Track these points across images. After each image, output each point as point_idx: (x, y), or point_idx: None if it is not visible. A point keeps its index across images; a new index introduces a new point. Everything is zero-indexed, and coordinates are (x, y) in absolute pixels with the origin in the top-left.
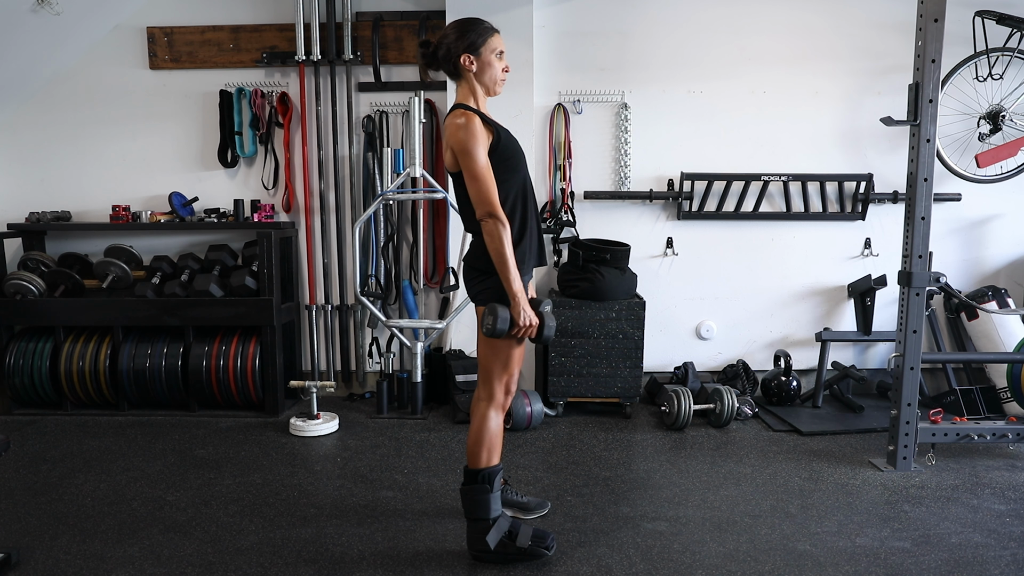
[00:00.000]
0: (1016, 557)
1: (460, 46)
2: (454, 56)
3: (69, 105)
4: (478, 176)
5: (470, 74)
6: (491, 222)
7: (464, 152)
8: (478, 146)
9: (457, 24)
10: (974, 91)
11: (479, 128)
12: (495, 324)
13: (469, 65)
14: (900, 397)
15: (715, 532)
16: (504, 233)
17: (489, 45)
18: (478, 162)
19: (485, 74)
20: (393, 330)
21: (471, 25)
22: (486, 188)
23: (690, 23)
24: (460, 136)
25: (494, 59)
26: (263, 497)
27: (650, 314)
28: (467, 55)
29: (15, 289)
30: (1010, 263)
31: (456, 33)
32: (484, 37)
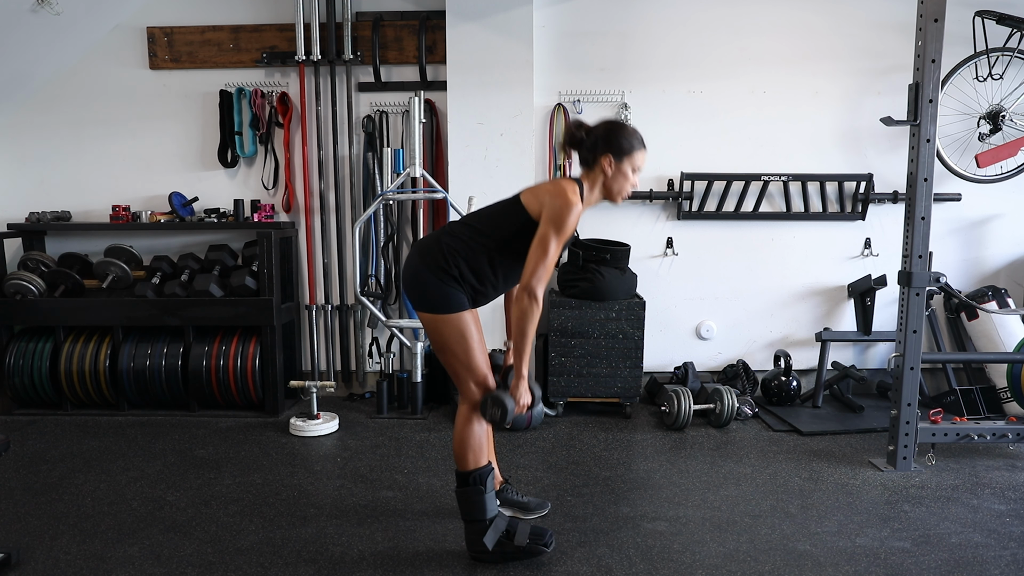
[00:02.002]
0: (1016, 557)
1: (607, 146)
2: (599, 152)
3: (69, 105)
4: (547, 252)
5: (603, 174)
6: (529, 299)
7: (554, 224)
8: (567, 229)
9: (614, 124)
10: (974, 91)
11: (577, 216)
12: (505, 414)
13: (607, 166)
14: (900, 397)
15: (715, 532)
16: (537, 314)
17: (633, 159)
18: (558, 240)
19: (616, 182)
20: (393, 330)
21: (626, 132)
22: (547, 266)
23: (690, 23)
24: (562, 211)
25: (630, 172)
26: (263, 497)
27: (650, 314)
28: (610, 156)
29: (15, 289)
30: (1010, 263)
31: (609, 132)
32: (632, 150)
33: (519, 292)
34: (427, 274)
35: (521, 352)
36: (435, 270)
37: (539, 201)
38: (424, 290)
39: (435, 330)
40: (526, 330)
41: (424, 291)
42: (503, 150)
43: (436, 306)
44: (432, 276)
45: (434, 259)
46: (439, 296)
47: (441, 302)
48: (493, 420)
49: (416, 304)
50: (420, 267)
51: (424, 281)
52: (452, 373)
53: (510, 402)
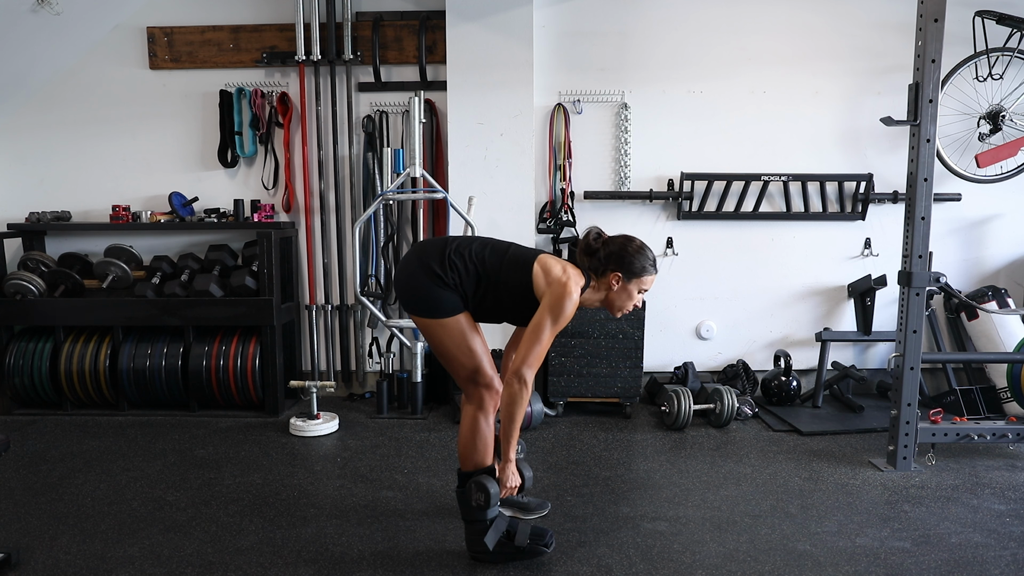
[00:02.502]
0: (1016, 557)
1: (619, 265)
2: (610, 267)
3: (69, 105)
4: (541, 339)
5: (609, 288)
6: (519, 385)
7: (551, 312)
8: (562, 321)
9: (630, 245)
10: (974, 91)
11: (573, 310)
12: (489, 499)
13: (614, 283)
14: (900, 397)
15: (715, 532)
16: (526, 399)
17: (641, 281)
18: (551, 330)
19: (619, 298)
20: (393, 330)
21: (640, 256)
22: (539, 353)
23: (690, 23)
24: (563, 301)
25: (635, 293)
26: (263, 497)
27: (650, 314)
28: (620, 275)
29: (15, 289)
30: (1010, 263)
31: (623, 251)
32: (643, 273)
33: (509, 376)
34: (423, 278)
35: (509, 437)
36: (432, 275)
37: (546, 283)
38: (419, 294)
39: (433, 334)
40: (514, 415)
41: (419, 295)
42: (503, 150)
43: (432, 310)
44: (428, 280)
45: (433, 267)
46: (434, 300)
47: (436, 306)
48: (477, 505)
49: (411, 308)
50: (417, 271)
51: (419, 285)
52: (456, 376)
53: (495, 487)
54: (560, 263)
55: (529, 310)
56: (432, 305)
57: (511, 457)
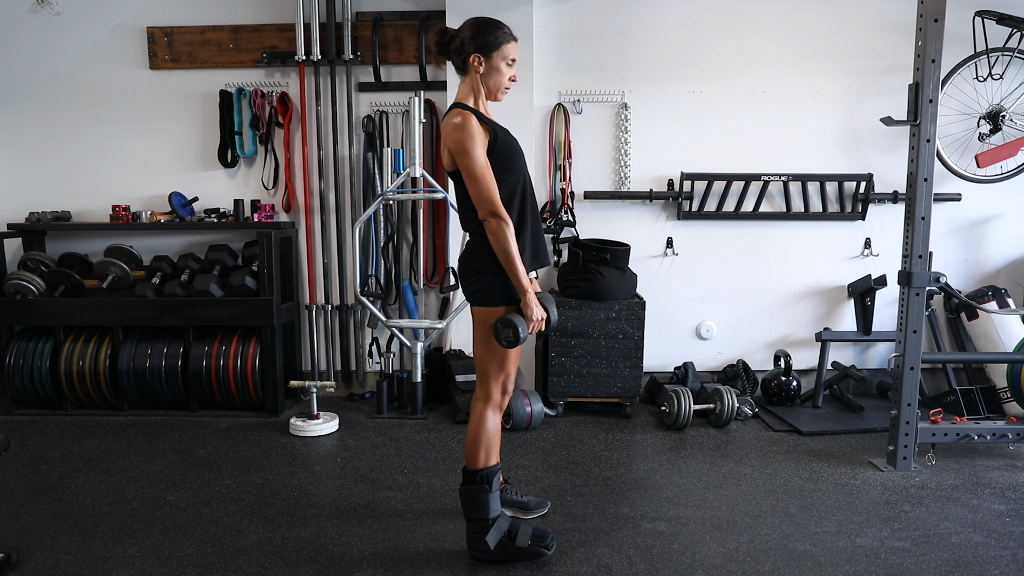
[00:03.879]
0: (1016, 557)
1: (473, 44)
2: (465, 52)
3: (69, 105)
4: (477, 176)
5: (476, 74)
6: (494, 221)
7: (461, 151)
8: (476, 145)
9: (476, 22)
10: (974, 91)
11: (476, 127)
12: (518, 334)
13: (477, 65)
14: (900, 397)
15: (715, 532)
16: (508, 230)
17: (502, 51)
18: (476, 161)
19: (491, 78)
20: (393, 330)
21: (490, 26)
22: (486, 187)
23: (690, 23)
24: (457, 136)
25: (503, 66)
26: (263, 497)
27: (650, 314)
28: (478, 55)
29: (15, 289)
30: (1010, 263)
31: (473, 30)
32: (499, 41)
33: (482, 221)
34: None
35: (513, 270)
36: (475, 268)
37: (447, 154)
38: (471, 284)
39: (483, 323)
40: (507, 248)
41: (471, 285)
42: None
43: (488, 299)
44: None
45: (478, 257)
46: (485, 288)
47: (493, 294)
48: (508, 341)
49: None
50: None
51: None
52: (481, 370)
53: (522, 323)
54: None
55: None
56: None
57: (525, 287)
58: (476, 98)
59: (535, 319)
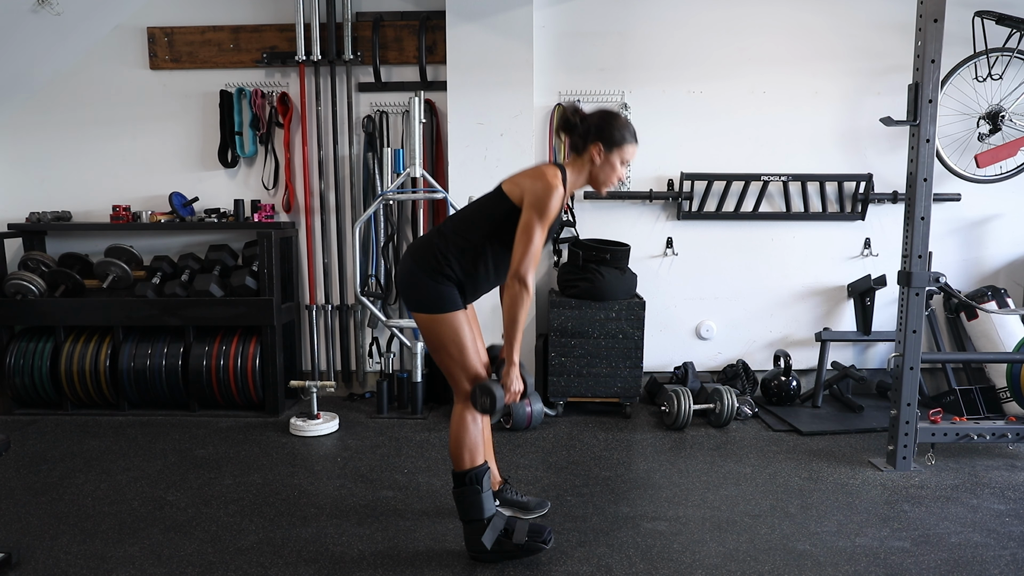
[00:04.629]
0: (1016, 557)
1: (599, 135)
2: (590, 139)
3: (69, 105)
4: (532, 238)
5: (591, 162)
6: (519, 286)
7: (536, 209)
8: (549, 213)
9: (609, 114)
10: (974, 91)
11: (559, 202)
12: (495, 403)
13: (596, 155)
14: (900, 397)
15: (715, 532)
16: (528, 301)
17: (623, 150)
18: (541, 225)
19: (603, 171)
20: (393, 330)
21: (619, 123)
22: (533, 252)
23: (690, 24)
24: (544, 195)
25: (618, 164)
26: (263, 497)
27: (650, 314)
28: (600, 145)
29: (15, 289)
30: (1010, 263)
31: (602, 122)
32: (623, 141)
33: (509, 280)
34: (420, 274)
35: (512, 340)
36: (428, 270)
37: (520, 187)
38: (418, 290)
39: (429, 330)
40: (517, 317)
41: (418, 291)
42: (503, 150)
43: (430, 306)
44: (426, 276)
45: (426, 260)
46: (434, 296)
47: (435, 302)
48: (484, 409)
49: (410, 304)
50: (414, 267)
51: (418, 281)
52: (447, 372)
53: (499, 390)
54: (529, 168)
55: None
56: (432, 301)
57: (515, 360)
58: (578, 177)
59: (513, 390)
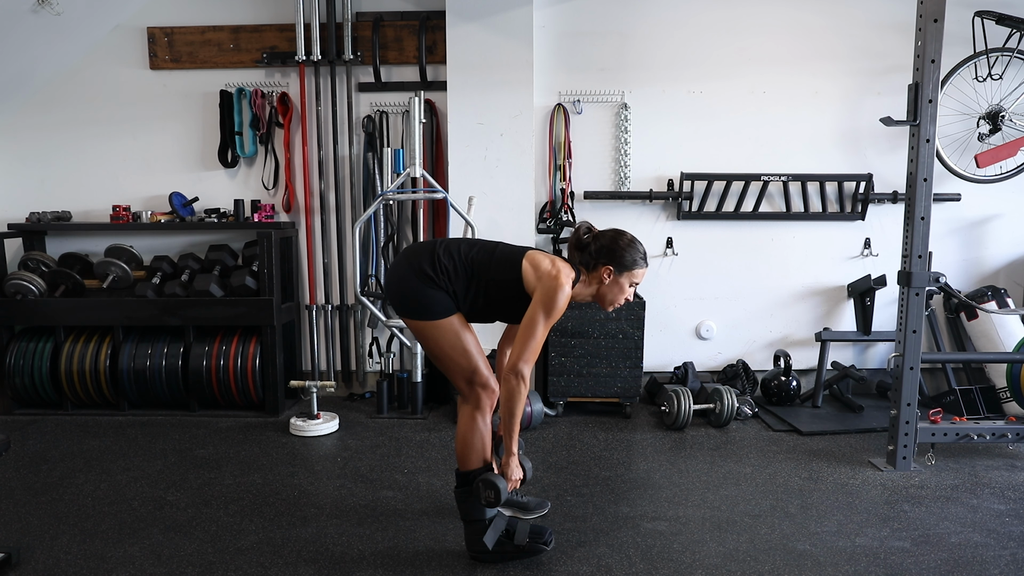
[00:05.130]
0: (1016, 557)
1: (611, 258)
2: (601, 260)
3: (69, 105)
4: (535, 334)
5: (600, 282)
6: (516, 380)
7: (544, 307)
8: (555, 314)
9: (621, 239)
10: (974, 91)
11: (565, 302)
12: (499, 495)
13: (606, 277)
14: (900, 397)
15: (715, 532)
16: (524, 393)
17: (632, 274)
18: (546, 323)
19: (611, 292)
20: (393, 330)
21: (631, 249)
22: (534, 348)
23: (690, 24)
24: (554, 295)
25: (627, 287)
26: (263, 497)
27: (650, 314)
28: (611, 268)
29: (15, 289)
30: (1010, 263)
31: (614, 244)
32: (634, 266)
33: (506, 372)
34: (415, 280)
35: (510, 431)
36: (423, 277)
37: (536, 277)
38: (411, 297)
39: (428, 337)
40: (514, 410)
41: (411, 298)
42: (503, 150)
43: (424, 312)
44: (419, 283)
45: (423, 268)
46: (426, 301)
47: (428, 307)
48: (488, 503)
49: (403, 311)
50: (408, 273)
51: (410, 287)
52: (452, 377)
53: (502, 483)
54: (549, 258)
55: (521, 307)
56: (424, 307)
57: (514, 451)
58: (584, 291)
59: (514, 479)
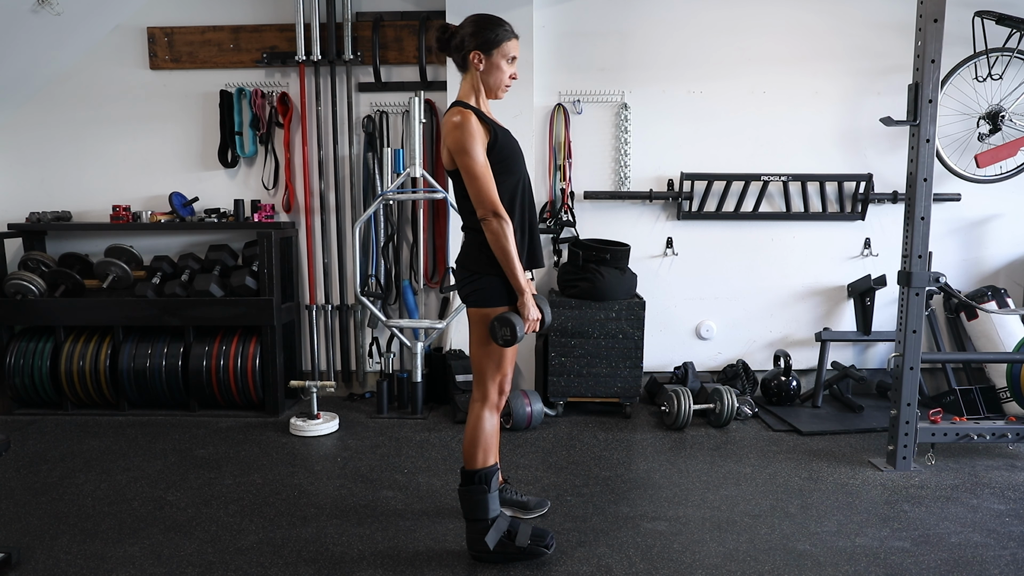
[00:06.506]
0: (1016, 557)
1: (474, 41)
2: (466, 49)
3: (69, 105)
4: (476, 175)
5: (476, 72)
6: (494, 220)
7: (461, 151)
8: (475, 144)
9: (478, 19)
10: (974, 91)
11: (476, 126)
12: (515, 332)
13: (477, 63)
14: (900, 397)
15: (715, 532)
16: (508, 229)
17: (503, 48)
18: (476, 160)
19: (491, 75)
20: (393, 330)
21: (491, 23)
22: (485, 187)
23: (690, 24)
24: (456, 135)
25: (504, 63)
26: (263, 497)
27: (650, 314)
28: (478, 52)
29: (15, 289)
30: (1010, 263)
31: (474, 27)
32: (500, 39)
33: (482, 218)
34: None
35: (512, 271)
36: (482, 265)
37: (448, 152)
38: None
39: (479, 324)
40: (506, 247)
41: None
42: None
43: (485, 299)
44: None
45: (474, 259)
46: (488, 289)
47: (489, 295)
48: (505, 341)
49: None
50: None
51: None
52: (479, 370)
53: (519, 321)
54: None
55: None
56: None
57: (523, 288)
58: (477, 96)
59: (531, 319)
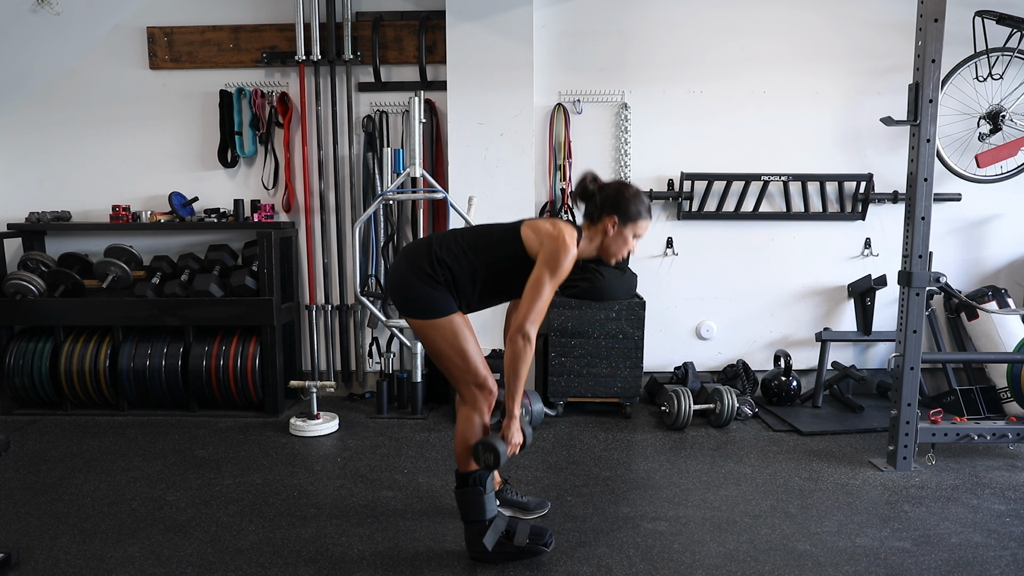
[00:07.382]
0: (1016, 557)
1: (615, 208)
2: (605, 210)
3: (69, 105)
4: (541, 294)
5: (604, 234)
6: (523, 341)
7: (549, 266)
8: (561, 274)
9: (626, 188)
10: (974, 91)
11: (572, 263)
12: (499, 458)
13: (610, 227)
14: (900, 397)
15: (715, 532)
16: (530, 355)
17: (636, 225)
18: (552, 283)
19: (615, 243)
20: (393, 330)
21: (636, 199)
22: (541, 308)
23: (690, 23)
24: (559, 255)
25: (630, 238)
26: (263, 497)
27: (650, 314)
28: (615, 218)
29: (15, 289)
30: (1010, 263)
31: (619, 195)
32: (638, 217)
33: (512, 333)
34: (415, 279)
35: (513, 393)
36: (423, 276)
37: (538, 240)
38: (413, 295)
39: (427, 336)
40: (519, 371)
41: (413, 296)
42: (503, 150)
43: (426, 311)
44: (420, 281)
45: (423, 267)
46: (428, 300)
47: (431, 306)
48: (487, 466)
49: (405, 310)
50: (408, 272)
51: (411, 286)
52: (450, 377)
53: (502, 446)
54: (548, 221)
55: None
56: (426, 306)
57: (515, 414)
58: (588, 245)
59: (515, 443)
